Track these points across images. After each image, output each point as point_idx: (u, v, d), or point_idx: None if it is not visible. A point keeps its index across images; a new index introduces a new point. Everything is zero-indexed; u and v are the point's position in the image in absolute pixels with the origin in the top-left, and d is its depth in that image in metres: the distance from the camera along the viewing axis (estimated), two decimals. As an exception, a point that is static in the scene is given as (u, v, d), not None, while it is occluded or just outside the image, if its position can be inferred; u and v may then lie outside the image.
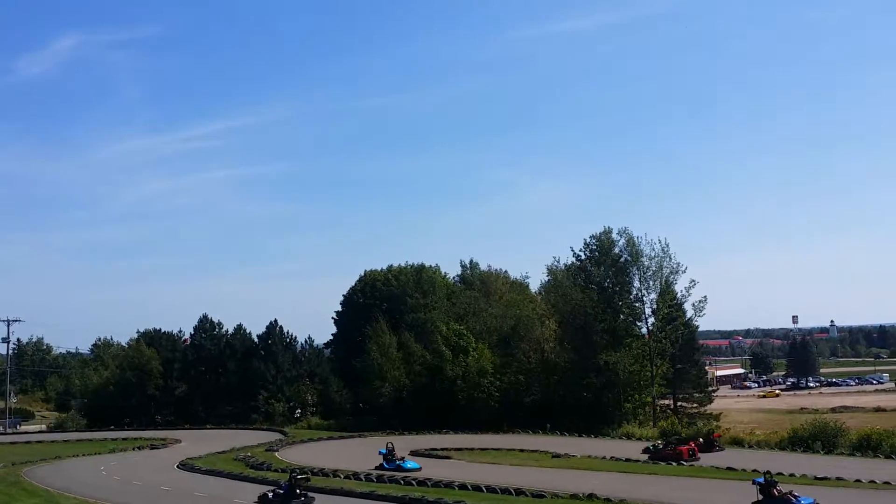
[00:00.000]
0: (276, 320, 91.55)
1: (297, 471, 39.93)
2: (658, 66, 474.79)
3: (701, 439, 50.06)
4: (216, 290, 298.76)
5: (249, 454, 55.46)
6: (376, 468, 45.43)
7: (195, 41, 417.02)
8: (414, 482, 40.55)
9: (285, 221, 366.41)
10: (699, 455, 46.33)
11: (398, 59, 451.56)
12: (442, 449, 55.07)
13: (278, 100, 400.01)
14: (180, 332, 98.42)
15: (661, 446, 48.84)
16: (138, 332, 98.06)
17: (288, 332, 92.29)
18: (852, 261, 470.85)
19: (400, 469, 44.54)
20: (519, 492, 36.65)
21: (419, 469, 44.50)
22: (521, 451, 53.51)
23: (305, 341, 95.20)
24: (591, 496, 35.13)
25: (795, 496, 29.73)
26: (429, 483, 40.11)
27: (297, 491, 35.04)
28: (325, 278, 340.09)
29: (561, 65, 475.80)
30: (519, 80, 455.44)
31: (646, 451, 49.27)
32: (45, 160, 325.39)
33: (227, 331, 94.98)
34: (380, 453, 47.08)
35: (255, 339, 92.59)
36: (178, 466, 51.15)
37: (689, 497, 34.19)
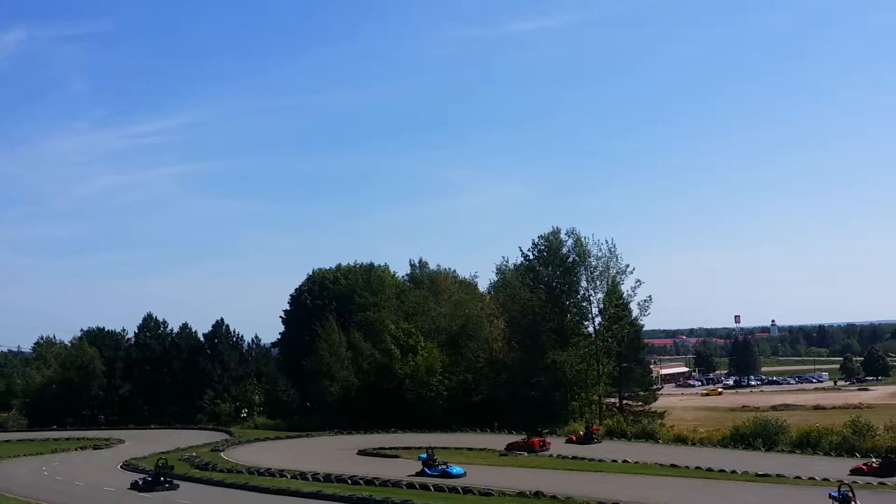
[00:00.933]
0: (222, 319, 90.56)
1: (165, 460, 43.66)
2: (610, 66, 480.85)
3: (581, 432, 55.15)
4: (162, 288, 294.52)
5: (195, 454, 54.68)
6: (416, 474, 41.27)
7: (146, 36, 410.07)
8: (361, 481, 40.36)
9: (234, 219, 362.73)
10: (549, 445, 51.52)
11: (347, 56, 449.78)
12: (390, 448, 54.91)
13: (230, 96, 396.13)
14: (124, 330, 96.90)
15: (523, 438, 52.86)
16: (82, 330, 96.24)
17: (235, 332, 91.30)
18: (793, 263, 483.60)
19: (446, 475, 39.70)
20: (467, 490, 36.73)
21: (464, 475, 39.57)
22: (470, 449, 53.62)
23: (252, 340, 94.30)
24: (538, 494, 35.37)
25: None
26: (376, 482, 39.96)
27: (162, 479, 39.59)
28: (274, 277, 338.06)
29: (513, 65, 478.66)
30: (472, 80, 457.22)
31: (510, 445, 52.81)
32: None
33: (172, 330, 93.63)
34: (419, 459, 42.06)
35: (201, 339, 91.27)
36: (121, 467, 50.21)
37: (638, 495, 34.58)
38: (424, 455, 43.46)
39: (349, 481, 40.66)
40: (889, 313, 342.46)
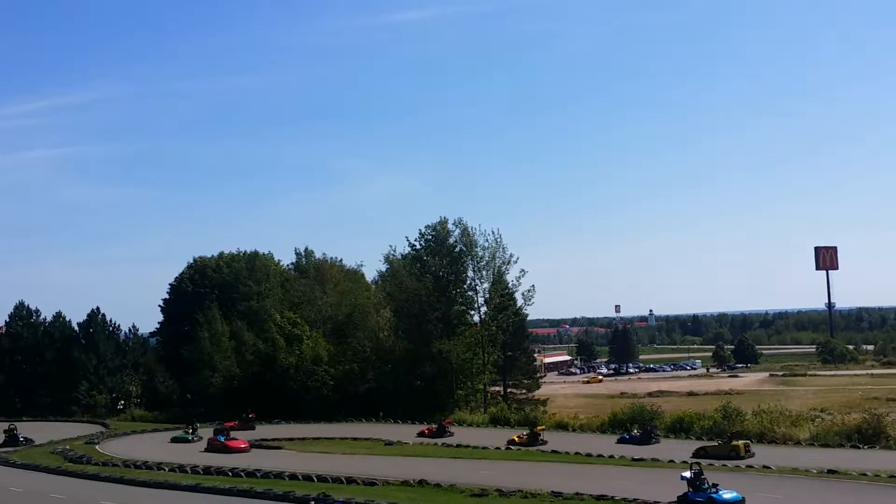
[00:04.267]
0: (98, 308, 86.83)
1: (15, 426, 48.14)
2: (500, 58, 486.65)
3: (434, 426, 56.00)
4: (34, 275, 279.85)
5: (68, 447, 52.65)
6: (677, 500, 31.13)
7: (18, 15, 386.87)
8: (242, 473, 39.60)
9: (111, 206, 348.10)
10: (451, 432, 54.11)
11: (236, 42, 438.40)
12: (273, 439, 54.14)
13: (106, 78, 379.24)
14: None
15: (433, 427, 55.31)
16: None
17: (111, 321, 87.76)
18: (669, 256, 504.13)
19: (712, 502, 30.31)
20: (350, 480, 36.62)
21: (742, 501, 30.90)
22: (355, 439, 53.48)
23: (130, 330, 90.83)
24: (421, 482, 35.59)
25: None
26: (258, 474, 39.34)
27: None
28: (153, 265, 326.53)
29: (404, 55, 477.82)
30: (360, 70, 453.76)
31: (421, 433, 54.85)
32: None
33: (45, 318, 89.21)
34: (682, 479, 32.41)
35: (76, 328, 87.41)
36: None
37: (519, 481, 35.21)
38: (687, 475, 32.45)
39: (230, 473, 39.84)
40: (758, 304, 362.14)
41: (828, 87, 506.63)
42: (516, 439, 49.30)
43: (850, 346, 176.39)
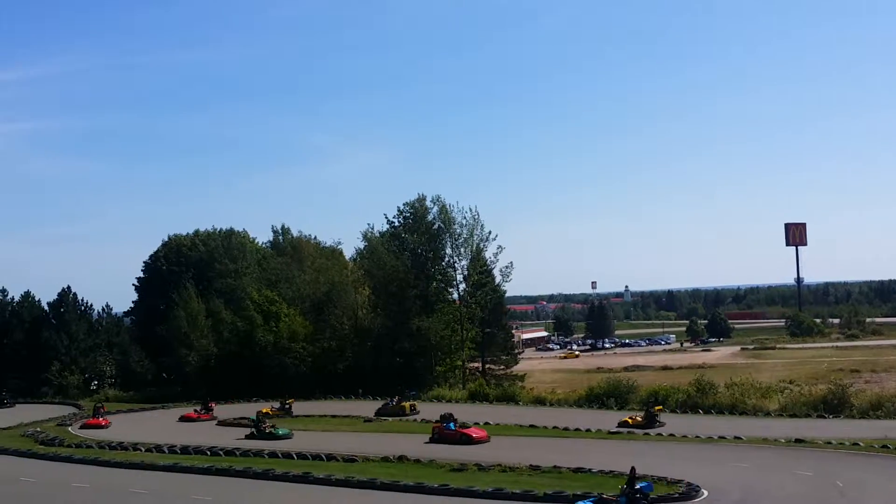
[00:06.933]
0: (69, 287, 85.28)
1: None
2: (475, 34, 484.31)
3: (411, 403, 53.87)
4: (1, 253, 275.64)
5: (39, 429, 51.54)
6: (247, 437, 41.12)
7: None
8: (221, 452, 39.31)
9: (79, 181, 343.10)
10: (418, 410, 52.73)
11: (205, 12, 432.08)
12: (251, 418, 53.72)
13: (73, 51, 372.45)
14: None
15: (390, 403, 53.92)
16: None
17: (83, 300, 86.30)
18: (645, 233, 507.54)
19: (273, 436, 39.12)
20: (330, 457, 36.54)
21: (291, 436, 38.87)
22: (334, 416, 53.32)
23: (103, 309, 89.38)
24: (401, 458, 35.60)
25: None
26: (237, 453, 39.09)
27: None
28: (126, 243, 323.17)
29: (382, 30, 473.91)
30: (338, 43, 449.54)
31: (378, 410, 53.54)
32: None
33: (12, 298, 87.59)
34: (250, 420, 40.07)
35: (46, 308, 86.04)
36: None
37: (496, 456, 35.28)
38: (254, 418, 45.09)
39: (208, 452, 39.53)
40: (730, 279, 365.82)
41: (801, 65, 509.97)
42: (629, 421, 44.74)
43: (818, 320, 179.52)
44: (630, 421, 44.77)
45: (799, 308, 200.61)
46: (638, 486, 24.63)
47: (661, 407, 47.38)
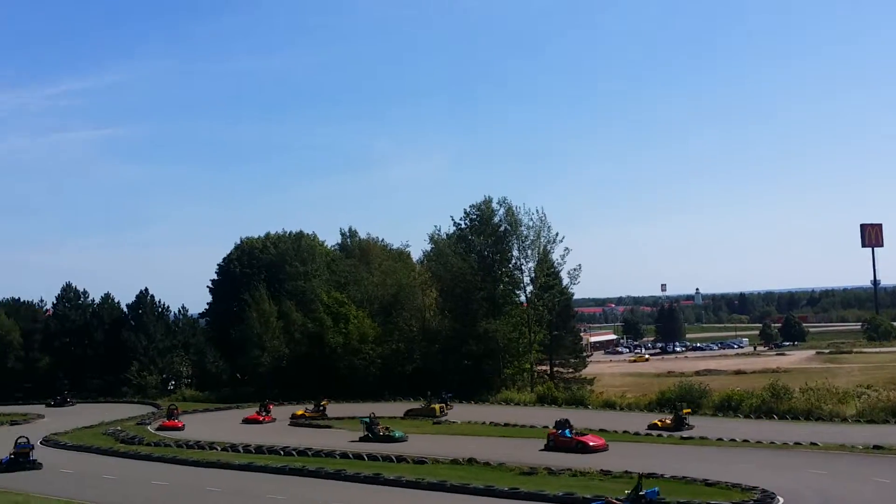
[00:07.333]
0: (146, 289, 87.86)
1: (26, 438, 41.53)
2: (538, 34, 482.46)
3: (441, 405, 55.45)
4: (81, 257, 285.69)
5: (119, 428, 53.28)
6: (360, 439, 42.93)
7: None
8: (294, 452, 40.03)
9: (156, 186, 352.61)
10: (447, 412, 54.12)
11: (276, 21, 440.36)
12: (322, 418, 54.64)
13: (150, 57, 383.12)
14: (42, 301, 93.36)
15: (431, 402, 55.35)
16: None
17: (160, 302, 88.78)
18: (716, 233, 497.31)
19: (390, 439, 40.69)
20: (400, 458, 36.89)
21: (406, 439, 40.37)
22: (403, 418, 53.72)
23: (179, 311, 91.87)
24: (471, 461, 35.71)
25: None
26: (309, 453, 39.74)
27: (21, 459, 39.05)
28: (200, 246, 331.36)
29: (443, 34, 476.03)
30: (402, 49, 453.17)
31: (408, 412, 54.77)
32: None
33: (93, 300, 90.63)
34: (362, 423, 42.07)
35: (125, 309, 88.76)
36: (41, 443, 48.43)
37: (562, 460, 35.10)
38: (367, 420, 44.36)
39: (282, 452, 40.30)
40: (805, 281, 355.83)
41: (875, 66, 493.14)
42: (659, 423, 45.50)
43: (895, 323, 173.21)
44: (660, 423, 45.63)
45: (876, 311, 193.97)
46: (643, 493, 25.16)
47: (689, 410, 47.84)
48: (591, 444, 38.25)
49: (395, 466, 35.61)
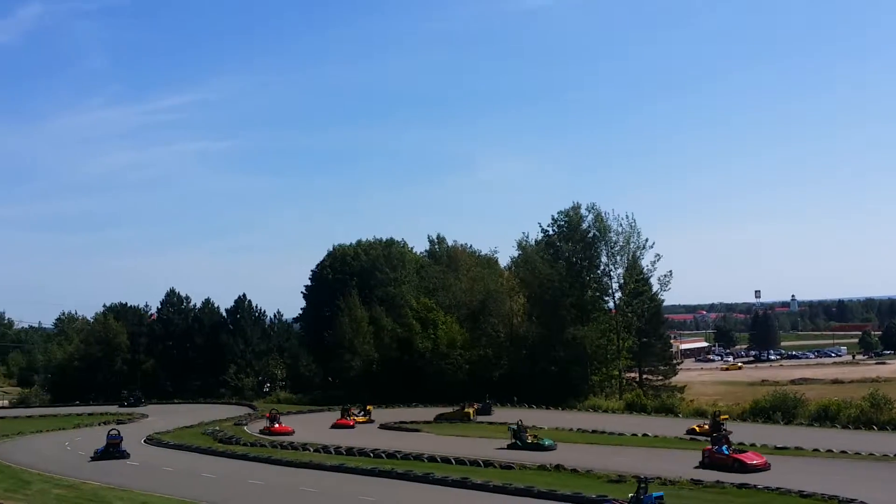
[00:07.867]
0: (244, 294, 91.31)
1: (117, 430, 46.08)
2: (631, 37, 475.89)
3: (477, 405, 58.50)
4: (183, 264, 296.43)
5: (218, 428, 55.29)
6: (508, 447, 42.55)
7: (163, 11, 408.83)
8: (383, 455, 40.90)
9: (252, 195, 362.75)
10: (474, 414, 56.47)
11: (365, 30, 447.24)
12: (411, 422, 55.55)
13: (245, 72, 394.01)
14: (147, 306, 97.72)
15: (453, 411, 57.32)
16: (105, 306, 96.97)
17: (257, 307, 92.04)
18: (813, 238, 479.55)
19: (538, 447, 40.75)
20: (487, 463, 37.24)
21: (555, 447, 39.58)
22: (490, 423, 54.11)
23: (274, 316, 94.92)
24: (558, 467, 35.83)
25: None
26: (398, 455, 40.51)
27: (111, 449, 43.55)
28: (294, 252, 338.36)
29: (532, 38, 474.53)
30: (491, 54, 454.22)
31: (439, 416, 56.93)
32: (6, 131, 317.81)
33: (194, 305, 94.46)
34: (510, 430, 41.97)
35: (224, 314, 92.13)
36: (145, 441, 50.90)
37: (653, 467, 34.90)
38: (515, 427, 43.81)
39: (371, 455, 41.22)
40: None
41: None
42: (697, 429, 45.58)
43: None
44: (698, 429, 45.76)
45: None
46: (642, 498, 25.41)
47: (726, 416, 48.04)
48: (749, 462, 34.76)
49: (483, 471, 35.82)
